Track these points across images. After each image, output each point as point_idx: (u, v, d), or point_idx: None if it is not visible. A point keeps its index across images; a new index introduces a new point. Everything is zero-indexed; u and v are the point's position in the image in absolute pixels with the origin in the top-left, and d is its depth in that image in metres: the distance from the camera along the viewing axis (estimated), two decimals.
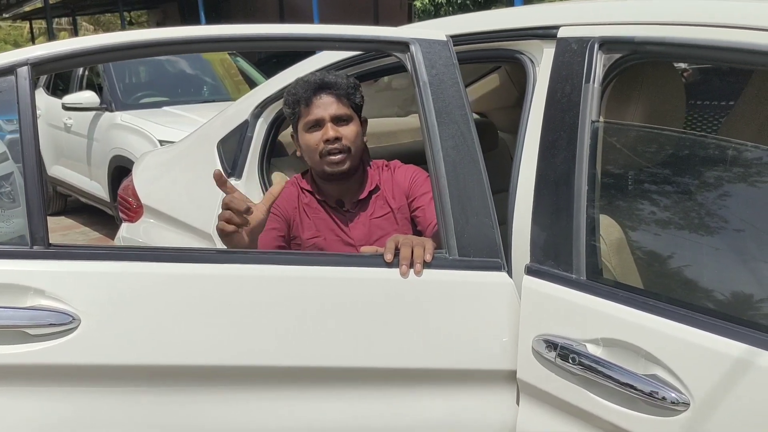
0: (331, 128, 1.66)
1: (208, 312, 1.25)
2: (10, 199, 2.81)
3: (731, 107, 2.41)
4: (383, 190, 1.77)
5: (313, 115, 1.67)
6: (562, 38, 1.31)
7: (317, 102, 1.66)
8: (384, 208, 1.75)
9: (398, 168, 1.81)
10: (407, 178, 1.77)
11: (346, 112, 1.68)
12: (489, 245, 1.30)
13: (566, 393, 1.18)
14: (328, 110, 1.66)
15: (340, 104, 1.67)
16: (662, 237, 1.28)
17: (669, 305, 1.08)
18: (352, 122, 1.69)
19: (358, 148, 1.70)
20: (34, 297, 1.20)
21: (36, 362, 1.20)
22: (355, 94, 1.70)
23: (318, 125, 1.67)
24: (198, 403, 1.28)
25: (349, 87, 1.69)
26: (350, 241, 1.72)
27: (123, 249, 1.68)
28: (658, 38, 1.18)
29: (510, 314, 1.26)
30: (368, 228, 1.72)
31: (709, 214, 1.22)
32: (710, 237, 1.20)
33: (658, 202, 1.30)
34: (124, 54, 1.32)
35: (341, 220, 1.74)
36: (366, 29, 1.39)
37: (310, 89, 1.67)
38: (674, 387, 1.04)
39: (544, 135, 1.29)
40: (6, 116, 4.22)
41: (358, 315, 1.28)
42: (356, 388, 1.31)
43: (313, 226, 1.73)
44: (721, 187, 1.21)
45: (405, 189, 1.76)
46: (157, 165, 2.51)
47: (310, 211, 1.74)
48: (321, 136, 1.66)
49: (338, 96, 1.67)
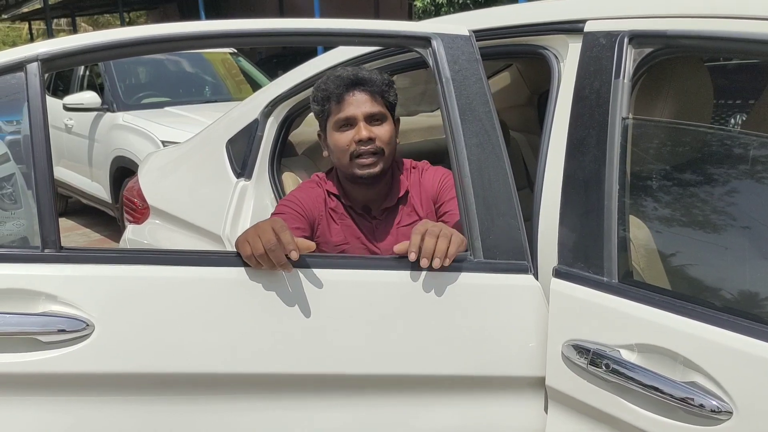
0: (364, 128, 1.54)
1: (228, 317, 1.20)
2: (11, 201, 2.77)
3: (745, 106, 2.37)
4: (411, 195, 1.65)
5: (345, 113, 1.55)
6: (589, 32, 1.27)
7: (350, 99, 1.55)
8: (412, 215, 1.65)
9: (426, 170, 1.69)
10: (436, 181, 1.66)
11: (380, 110, 1.56)
12: (515, 247, 1.26)
13: (598, 401, 1.13)
14: (361, 108, 1.54)
15: (375, 102, 1.55)
16: (696, 238, 1.23)
17: (708, 309, 1.04)
18: (386, 122, 1.57)
19: (391, 149, 1.58)
20: (45, 302, 1.15)
21: (47, 371, 1.15)
22: (389, 92, 1.58)
23: (350, 124, 1.56)
24: (214, 413, 1.23)
25: (383, 84, 1.57)
26: (376, 251, 1.63)
27: (138, 252, 1.64)
28: (692, 32, 1.14)
29: (538, 319, 1.22)
30: (395, 237, 1.62)
31: (748, 214, 1.18)
32: (751, 239, 1.16)
33: (691, 201, 1.26)
34: (137, 50, 1.27)
35: (367, 228, 1.64)
36: (386, 24, 1.35)
37: (343, 85, 1.55)
38: (715, 395, 1.00)
39: (572, 133, 1.25)
40: (7, 117, 4.18)
41: (379, 320, 1.23)
42: (376, 396, 1.26)
43: (341, 233, 1.63)
44: (759, 185, 1.17)
45: (433, 194, 1.66)
46: (163, 165, 2.46)
47: (336, 216, 1.64)
48: (353, 135, 1.55)
49: (372, 93, 1.56)
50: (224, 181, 1.99)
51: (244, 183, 1.95)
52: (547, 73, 1.37)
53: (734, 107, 2.57)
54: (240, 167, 1.99)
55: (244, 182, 1.95)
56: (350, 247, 1.64)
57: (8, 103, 1.27)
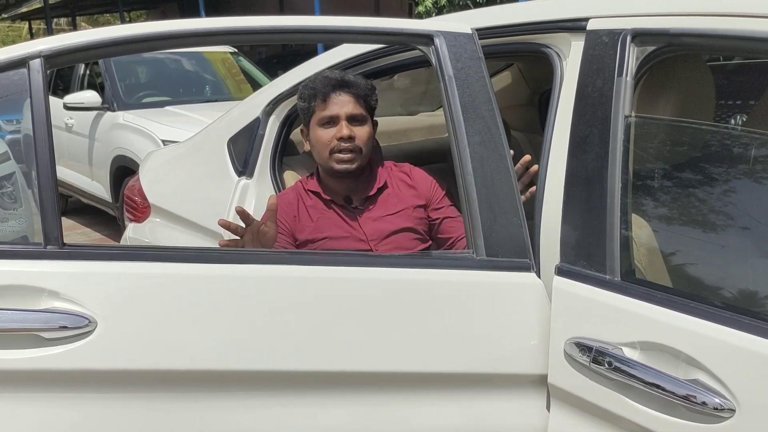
0: (346, 126, 1.66)
1: (231, 314, 1.20)
2: (11, 200, 2.77)
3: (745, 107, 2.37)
4: (394, 188, 1.76)
5: (329, 111, 1.67)
6: (591, 30, 1.27)
7: (335, 99, 1.67)
8: (396, 205, 1.73)
9: (414, 169, 1.82)
10: (428, 182, 1.78)
11: (361, 112, 1.68)
12: (518, 245, 1.26)
13: (601, 398, 1.13)
14: (344, 108, 1.66)
15: (357, 104, 1.68)
16: (699, 236, 1.24)
17: (710, 307, 1.04)
18: (366, 124, 1.70)
19: (368, 149, 1.71)
20: (48, 299, 1.15)
21: (50, 367, 1.15)
22: (371, 96, 1.71)
23: (332, 122, 1.68)
24: (217, 410, 1.23)
25: (367, 88, 1.70)
26: (362, 237, 1.69)
27: (141, 249, 1.64)
28: (695, 30, 1.14)
29: (540, 316, 1.22)
30: (380, 224, 1.70)
31: (751, 212, 1.18)
32: (754, 236, 1.16)
33: (694, 200, 1.26)
34: (140, 47, 1.27)
35: (350, 217, 1.72)
36: (389, 21, 1.35)
37: (329, 85, 1.67)
38: (718, 392, 0.99)
39: (575, 131, 1.25)
40: (7, 116, 4.18)
41: (381, 317, 1.23)
42: (378, 393, 1.26)
43: (319, 228, 1.70)
44: (762, 184, 1.17)
45: (425, 192, 1.77)
46: (164, 164, 2.46)
47: (315, 212, 1.72)
48: (335, 133, 1.66)
49: (356, 96, 1.68)
50: (226, 179, 1.99)
51: (245, 181, 1.95)
52: (549, 72, 1.37)
53: (734, 108, 2.57)
54: (241, 166, 1.99)
55: (245, 181, 1.95)
56: (334, 240, 1.69)
57: (11, 99, 1.27)
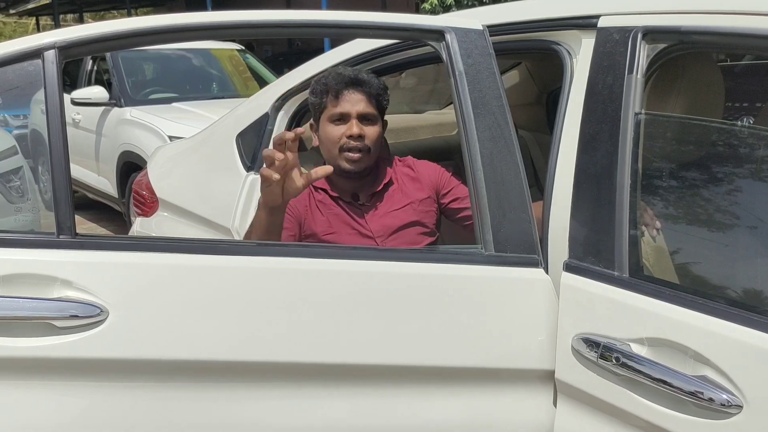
0: (356, 125, 1.65)
1: (241, 305, 1.21)
2: (19, 194, 2.79)
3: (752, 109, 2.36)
4: (399, 183, 1.76)
5: (341, 108, 1.66)
6: (602, 28, 1.27)
7: (347, 96, 1.66)
8: (402, 200, 1.73)
9: (416, 162, 1.80)
10: (431, 170, 1.77)
11: (372, 112, 1.67)
12: (526, 240, 1.26)
13: (608, 394, 1.14)
14: (356, 106, 1.65)
15: (369, 103, 1.67)
16: (707, 233, 1.24)
17: (719, 303, 1.05)
18: (376, 123, 1.69)
19: (376, 150, 1.70)
20: (60, 288, 1.16)
21: (62, 355, 1.16)
22: (383, 96, 1.70)
23: (343, 119, 1.66)
24: (227, 400, 1.24)
25: (379, 88, 1.69)
26: (368, 233, 1.69)
27: (152, 240, 1.65)
28: (706, 28, 1.14)
29: (548, 312, 1.23)
30: (387, 219, 1.70)
31: (760, 209, 1.18)
32: (763, 233, 1.16)
33: (703, 197, 1.26)
34: (154, 39, 1.28)
35: (357, 213, 1.72)
36: (401, 17, 1.36)
37: (342, 82, 1.66)
38: (725, 388, 1.00)
39: (584, 128, 1.25)
40: (14, 111, 4.19)
41: (388, 311, 1.24)
42: (384, 386, 1.27)
43: (326, 222, 1.70)
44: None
45: (433, 181, 1.75)
46: (172, 158, 2.47)
47: (323, 207, 1.72)
48: (345, 130, 1.65)
49: (369, 95, 1.67)
50: (234, 174, 2.00)
51: (253, 176, 1.96)
52: (556, 71, 1.37)
53: (741, 110, 2.56)
54: (250, 161, 2.00)
55: (253, 176, 1.96)
56: (339, 235, 1.69)
57: (24, 93, 1.28)
